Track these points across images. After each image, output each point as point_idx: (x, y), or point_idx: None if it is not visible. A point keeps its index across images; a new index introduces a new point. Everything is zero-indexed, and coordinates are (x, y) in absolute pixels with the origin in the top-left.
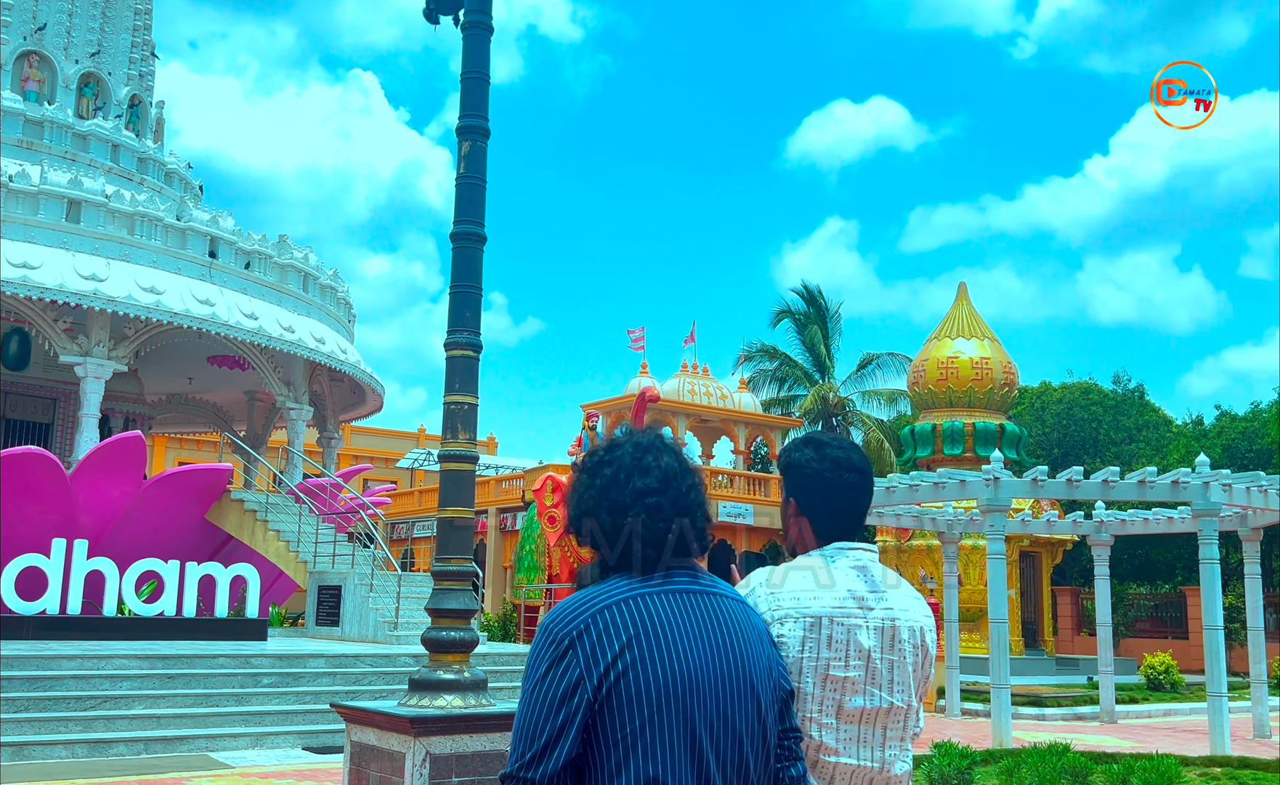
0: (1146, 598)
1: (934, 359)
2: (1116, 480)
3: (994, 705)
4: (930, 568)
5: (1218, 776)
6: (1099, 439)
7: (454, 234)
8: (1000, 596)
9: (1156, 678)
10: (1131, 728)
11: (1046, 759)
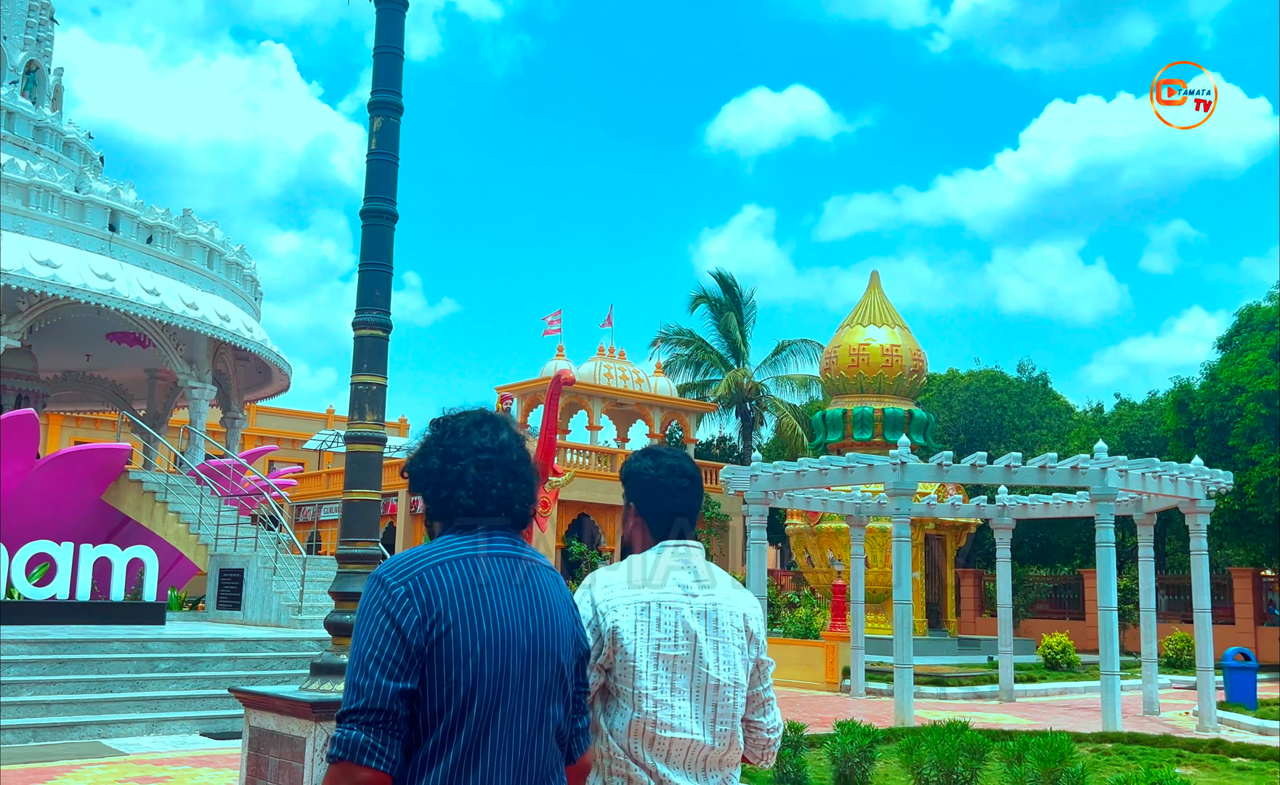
0: (1046, 580)
1: (846, 346)
2: (1018, 466)
3: (897, 685)
4: (839, 550)
5: (1109, 752)
6: (1004, 425)
7: (364, 211)
8: (905, 578)
9: (1054, 657)
10: (1029, 706)
11: (945, 737)
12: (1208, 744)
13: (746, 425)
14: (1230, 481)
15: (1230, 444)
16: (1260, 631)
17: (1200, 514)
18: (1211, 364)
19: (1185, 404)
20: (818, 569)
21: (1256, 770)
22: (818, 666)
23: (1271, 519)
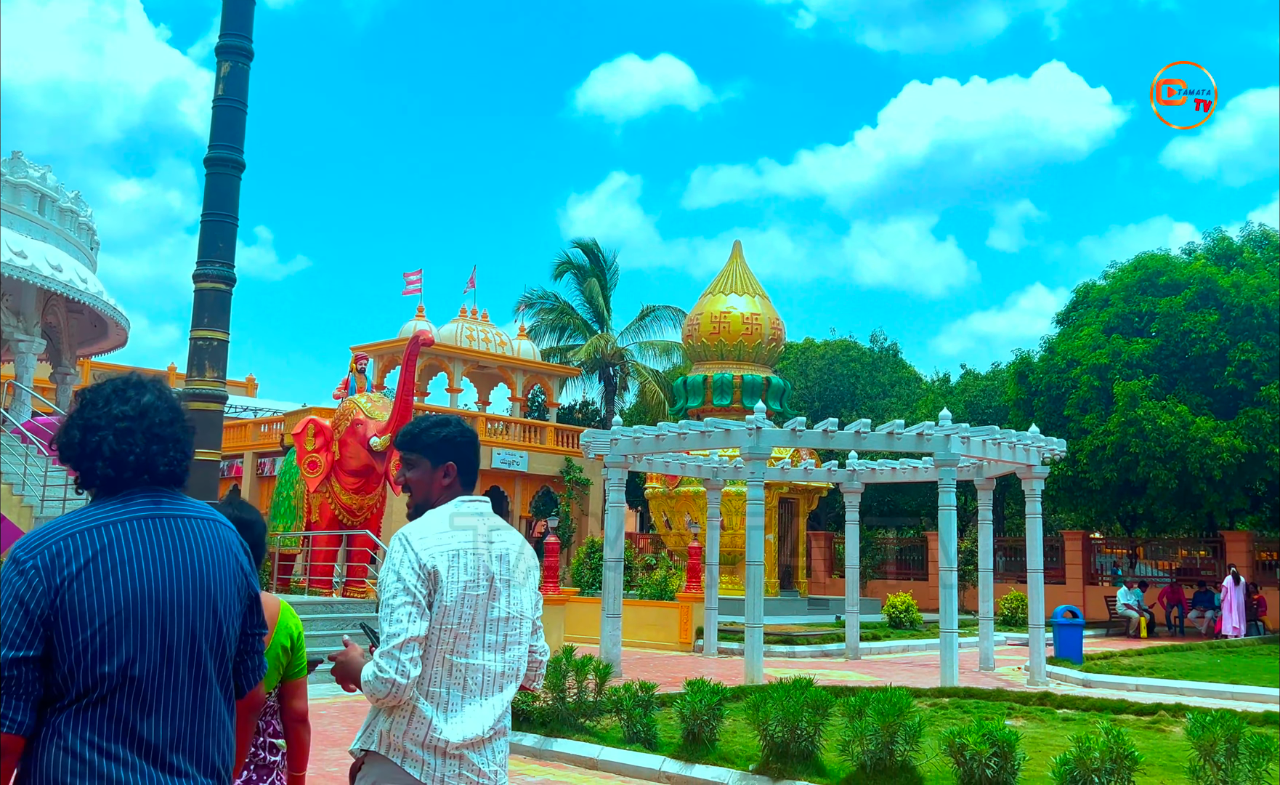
0: (893, 542)
1: (708, 313)
2: (868, 432)
3: (747, 644)
4: (696, 513)
5: (946, 706)
6: (856, 393)
7: (209, 159)
8: (758, 540)
9: (898, 616)
10: (873, 663)
11: (791, 693)
12: (1037, 697)
13: (609, 390)
14: (1063, 449)
15: (1065, 414)
16: (1088, 590)
17: (1036, 480)
18: (1050, 338)
19: (1025, 375)
20: (675, 532)
21: (1080, 720)
22: (672, 627)
23: (1101, 485)
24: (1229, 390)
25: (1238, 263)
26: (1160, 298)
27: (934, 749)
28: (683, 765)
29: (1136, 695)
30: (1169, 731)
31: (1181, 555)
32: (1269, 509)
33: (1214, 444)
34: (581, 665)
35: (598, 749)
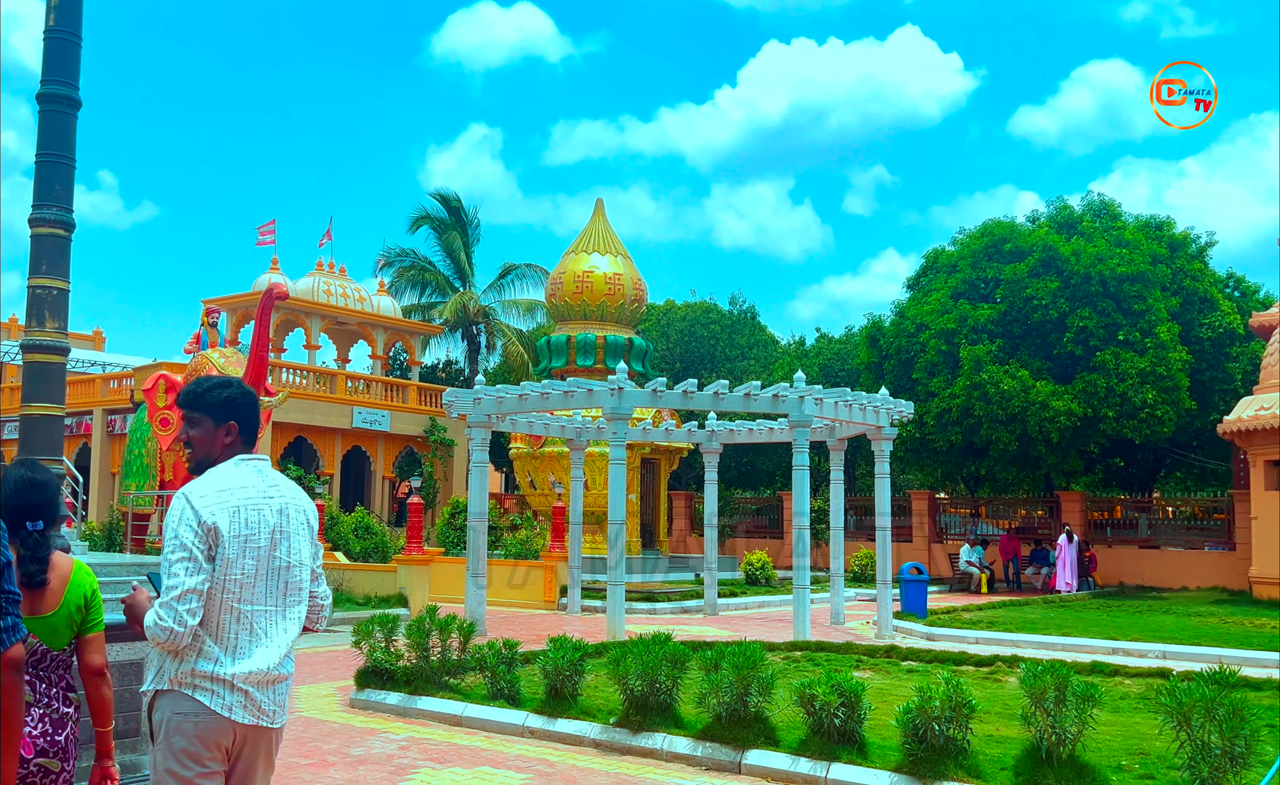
0: (750, 501)
1: (571, 272)
2: (726, 393)
3: (609, 601)
4: (560, 473)
5: (798, 659)
6: (716, 355)
7: (42, 95)
8: (620, 500)
9: (755, 573)
10: (731, 619)
11: (650, 649)
12: (883, 649)
13: (473, 349)
14: (911, 411)
15: (914, 377)
16: (934, 548)
17: (885, 441)
18: (900, 303)
19: (876, 339)
20: (540, 492)
21: (923, 672)
22: (536, 586)
23: (946, 446)
24: (1067, 356)
25: (1078, 231)
26: (1005, 264)
27: (786, 700)
28: (546, 720)
29: (976, 648)
30: (1005, 681)
31: (1021, 514)
32: (1102, 470)
33: (1052, 408)
34: (445, 624)
35: (462, 706)
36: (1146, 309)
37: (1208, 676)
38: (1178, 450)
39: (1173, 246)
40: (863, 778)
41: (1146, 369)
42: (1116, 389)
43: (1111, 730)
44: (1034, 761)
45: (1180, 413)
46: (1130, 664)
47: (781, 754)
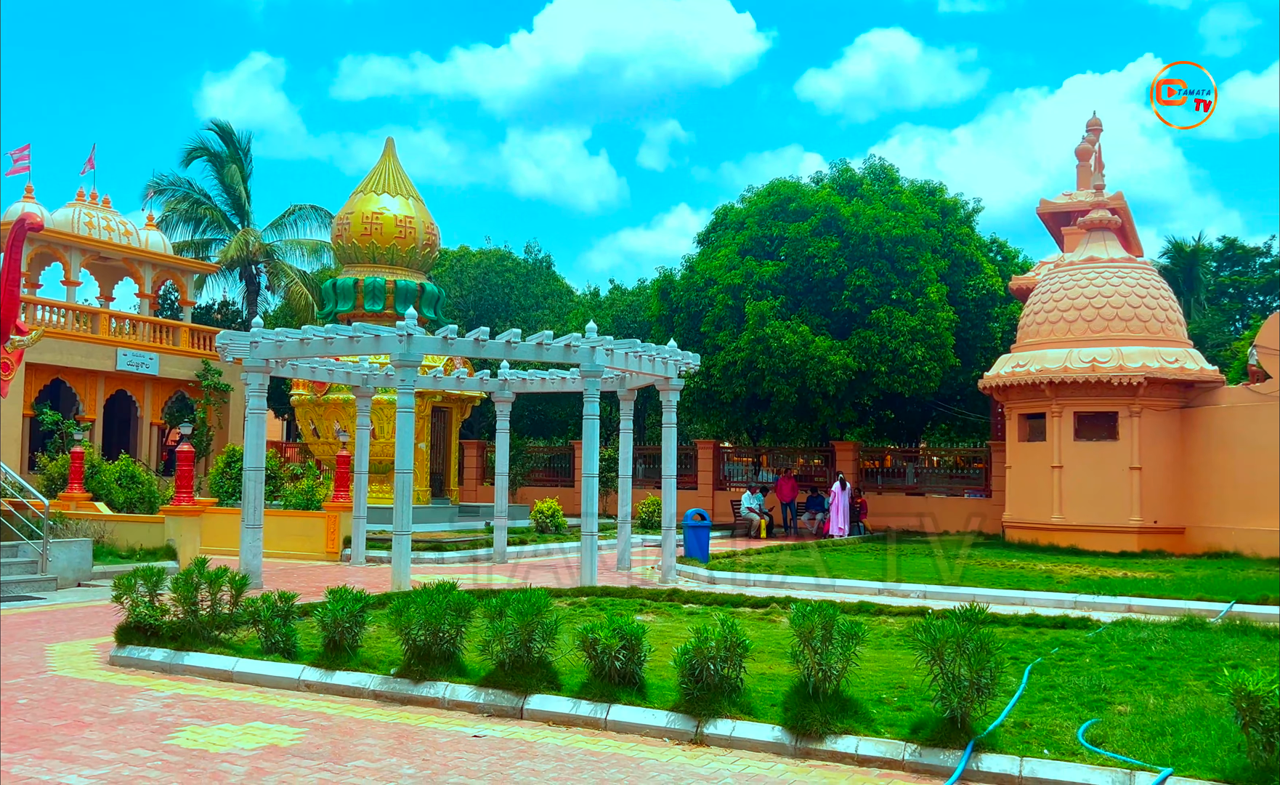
0: (543, 451)
1: (359, 213)
2: (518, 342)
3: (395, 551)
4: (345, 421)
5: (584, 604)
6: (511, 304)
7: None
8: (407, 449)
9: (545, 521)
10: (519, 566)
11: (434, 598)
12: (666, 593)
13: (252, 290)
14: (698, 363)
15: (703, 330)
16: (717, 495)
17: (672, 391)
18: (691, 257)
19: (667, 293)
20: (324, 440)
21: (702, 614)
22: (318, 537)
23: (731, 398)
24: (845, 313)
25: (858, 194)
26: (790, 223)
27: (570, 645)
28: (323, 673)
29: (754, 590)
30: (779, 622)
31: (800, 463)
32: (874, 422)
33: (830, 362)
34: (215, 577)
35: (233, 661)
36: (918, 270)
37: (960, 614)
38: (943, 404)
39: (944, 211)
40: (641, 718)
41: (917, 327)
42: (889, 345)
43: (875, 666)
44: (802, 697)
45: (946, 369)
46: (894, 604)
47: (563, 698)
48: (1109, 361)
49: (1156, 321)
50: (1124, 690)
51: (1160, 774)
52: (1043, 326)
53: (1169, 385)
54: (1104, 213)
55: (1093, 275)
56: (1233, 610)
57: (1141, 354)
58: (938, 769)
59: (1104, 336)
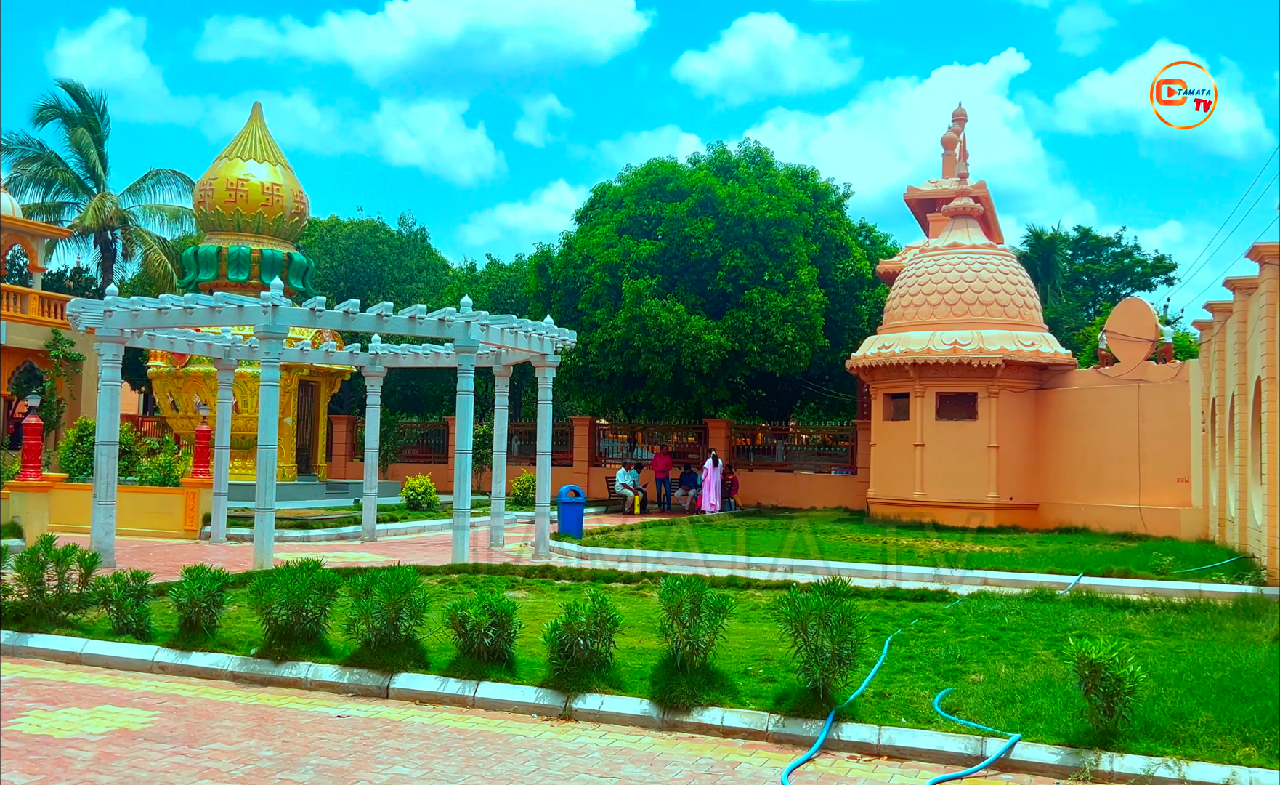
0: (416, 427)
1: (224, 179)
2: (390, 315)
3: (257, 529)
4: (206, 394)
5: (455, 582)
6: (384, 277)
7: None
8: (271, 423)
9: (416, 498)
10: (389, 544)
11: (297, 576)
12: (539, 570)
13: (107, 257)
14: (574, 340)
15: (580, 307)
16: (593, 472)
17: (548, 368)
18: (569, 234)
19: (545, 269)
20: (183, 414)
21: (575, 589)
22: (176, 514)
23: (608, 375)
24: (719, 293)
25: (734, 176)
26: (667, 203)
27: (439, 623)
28: (178, 654)
29: (626, 566)
30: (650, 596)
31: (674, 440)
32: (746, 400)
33: (704, 341)
34: (64, 555)
35: (82, 643)
36: (791, 252)
37: (823, 587)
38: (812, 383)
39: (815, 195)
40: (510, 695)
41: (788, 308)
42: (761, 325)
43: (743, 639)
44: (670, 670)
45: (816, 349)
46: (762, 577)
47: (431, 676)
48: (969, 344)
49: (1015, 306)
50: (978, 660)
51: (1010, 740)
52: (908, 309)
53: (1025, 368)
54: (967, 201)
55: (955, 261)
56: (1080, 583)
57: (1000, 337)
58: (800, 739)
59: (965, 320)
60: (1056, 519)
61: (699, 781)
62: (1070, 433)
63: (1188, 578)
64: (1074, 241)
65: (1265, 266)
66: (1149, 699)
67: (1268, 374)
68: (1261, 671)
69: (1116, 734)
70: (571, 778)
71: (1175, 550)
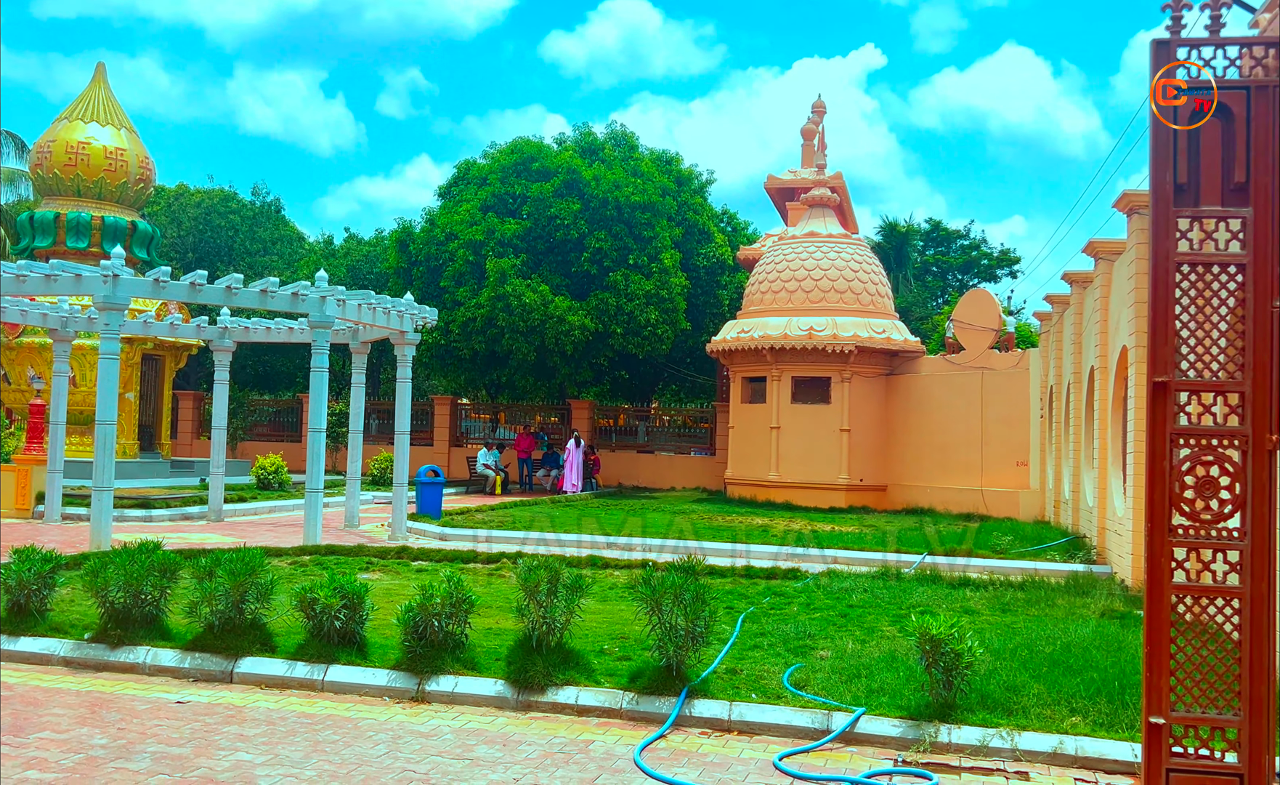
0: (268, 404)
1: (63, 142)
2: (240, 288)
3: (94, 508)
4: (40, 366)
5: (306, 563)
6: (235, 248)
7: None
8: (111, 398)
9: (267, 478)
10: (237, 525)
11: (136, 557)
12: (395, 551)
13: None
14: (435, 318)
15: (442, 285)
16: (454, 452)
17: (408, 346)
18: (432, 211)
19: (406, 245)
20: (16, 387)
21: (431, 571)
22: (6, 493)
23: (470, 354)
24: (584, 274)
25: (600, 158)
26: (533, 183)
27: (287, 605)
28: (5, 640)
29: (485, 546)
30: (508, 577)
31: (537, 420)
32: (609, 382)
33: (568, 322)
34: None
35: None
36: (654, 236)
37: (679, 566)
38: (674, 365)
39: (680, 181)
40: (361, 678)
41: (651, 291)
42: (625, 308)
43: (600, 618)
44: (526, 651)
45: (678, 332)
46: (621, 557)
47: (278, 660)
48: (825, 330)
49: (868, 294)
50: (827, 636)
51: (854, 713)
52: (766, 295)
53: (877, 354)
54: (825, 191)
55: (813, 249)
56: (924, 562)
57: (854, 324)
58: (653, 716)
59: (821, 307)
60: (904, 500)
61: (552, 761)
62: (918, 417)
63: (1024, 557)
64: (925, 233)
65: (1100, 262)
66: (986, 672)
67: (1100, 363)
68: (1089, 646)
69: (955, 706)
70: (423, 760)
71: (1014, 530)
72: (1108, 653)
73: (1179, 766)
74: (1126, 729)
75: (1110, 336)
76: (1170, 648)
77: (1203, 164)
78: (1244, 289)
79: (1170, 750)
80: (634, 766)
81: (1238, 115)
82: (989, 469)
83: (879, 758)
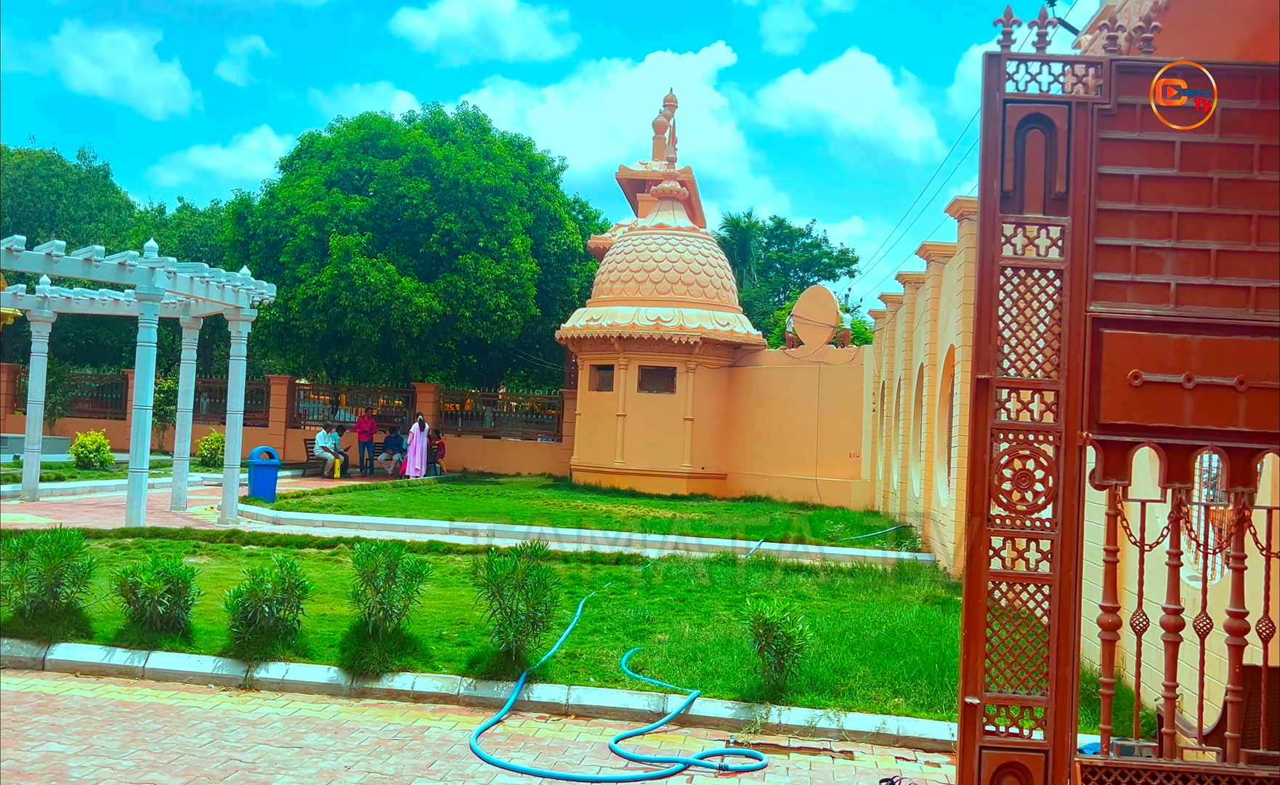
0: (91, 379)
1: None
2: (61, 256)
3: None
4: None
5: (129, 546)
6: (58, 214)
7: None
8: None
9: (88, 456)
10: (55, 505)
11: None
12: (225, 534)
13: None
14: (273, 294)
15: (282, 260)
16: (290, 433)
17: (243, 322)
18: (272, 183)
19: (244, 217)
20: None
21: (263, 555)
22: None
23: (311, 333)
24: (433, 255)
25: (451, 139)
26: (380, 160)
27: (107, 590)
28: None
29: (322, 530)
30: (345, 562)
31: (381, 403)
32: (456, 366)
33: (415, 304)
34: None
35: None
36: (506, 220)
37: (522, 551)
38: (523, 351)
39: (532, 166)
40: (185, 665)
41: (502, 275)
42: (474, 291)
43: (439, 603)
44: (361, 636)
45: (528, 318)
46: (464, 543)
47: (95, 646)
48: (671, 321)
49: (714, 288)
50: (665, 621)
51: (689, 696)
52: (615, 285)
53: (721, 346)
54: (674, 184)
55: (661, 241)
56: (760, 548)
57: (700, 316)
58: (491, 701)
59: (668, 298)
60: (743, 488)
61: (385, 747)
62: (758, 408)
63: (855, 545)
64: (769, 230)
65: (931, 263)
66: (815, 655)
67: (929, 360)
68: (912, 630)
69: (786, 688)
70: (249, 748)
71: (846, 518)
72: (930, 637)
73: (991, 744)
74: (945, 709)
75: (939, 335)
76: (986, 632)
77: (1028, 173)
78: (1061, 293)
79: (984, 729)
80: (470, 752)
81: (1060, 128)
82: (824, 460)
83: (712, 739)
